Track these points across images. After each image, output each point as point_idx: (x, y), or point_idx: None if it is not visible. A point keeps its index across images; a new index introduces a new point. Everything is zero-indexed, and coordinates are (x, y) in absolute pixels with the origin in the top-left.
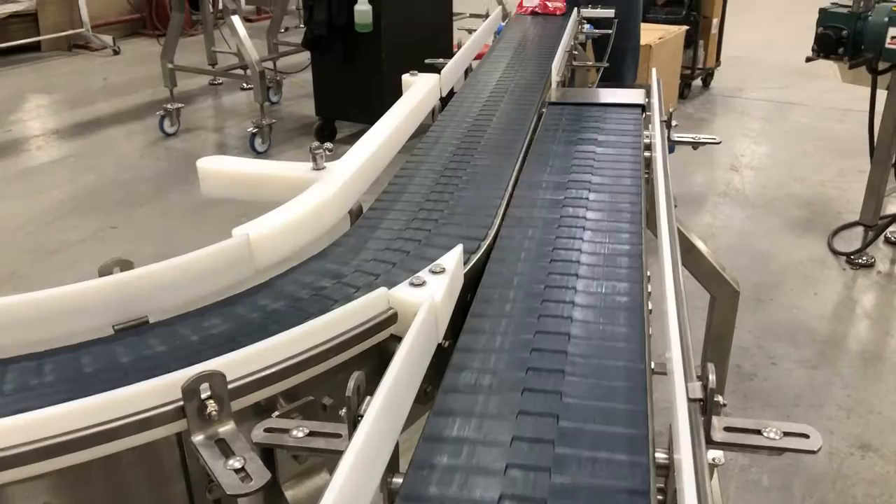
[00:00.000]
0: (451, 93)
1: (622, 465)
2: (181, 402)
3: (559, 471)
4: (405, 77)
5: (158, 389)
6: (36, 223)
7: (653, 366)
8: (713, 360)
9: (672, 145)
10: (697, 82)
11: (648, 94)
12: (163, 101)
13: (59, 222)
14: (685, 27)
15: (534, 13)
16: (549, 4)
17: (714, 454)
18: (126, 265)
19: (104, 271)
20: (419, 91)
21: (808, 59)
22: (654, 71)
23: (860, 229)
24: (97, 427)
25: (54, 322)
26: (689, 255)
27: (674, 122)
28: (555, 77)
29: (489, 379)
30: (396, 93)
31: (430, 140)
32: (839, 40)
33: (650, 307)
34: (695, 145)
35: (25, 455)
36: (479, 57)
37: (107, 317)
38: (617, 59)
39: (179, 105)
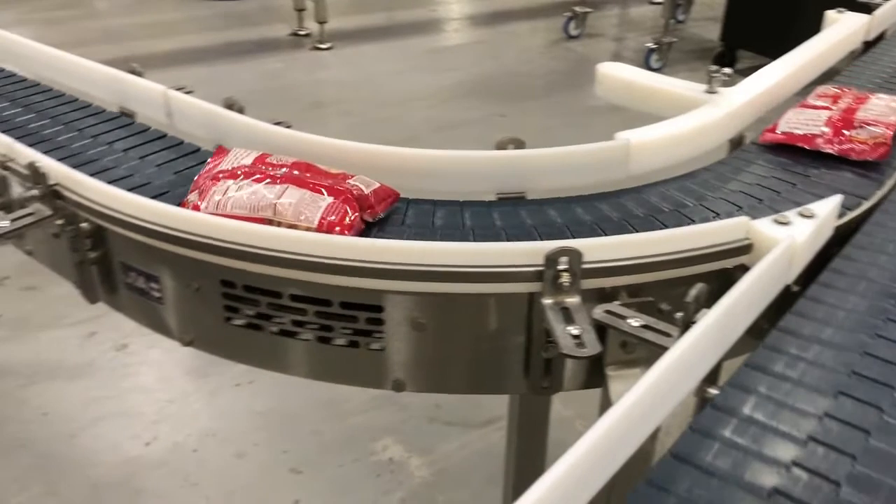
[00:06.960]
0: (880, 36)
1: None
2: (541, 268)
3: None
4: (829, 13)
5: (525, 252)
6: (437, 98)
7: None
8: None
9: None
10: None
11: None
12: (572, 3)
13: (455, 101)
14: None
15: None
16: None
17: None
18: (519, 144)
19: (500, 145)
20: (840, 31)
21: None
22: None
23: None
24: (471, 268)
25: (450, 178)
26: None
27: None
28: None
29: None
30: (815, 30)
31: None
32: None
33: None
34: None
35: (406, 273)
36: None
37: (493, 184)
38: None
39: (588, 10)
